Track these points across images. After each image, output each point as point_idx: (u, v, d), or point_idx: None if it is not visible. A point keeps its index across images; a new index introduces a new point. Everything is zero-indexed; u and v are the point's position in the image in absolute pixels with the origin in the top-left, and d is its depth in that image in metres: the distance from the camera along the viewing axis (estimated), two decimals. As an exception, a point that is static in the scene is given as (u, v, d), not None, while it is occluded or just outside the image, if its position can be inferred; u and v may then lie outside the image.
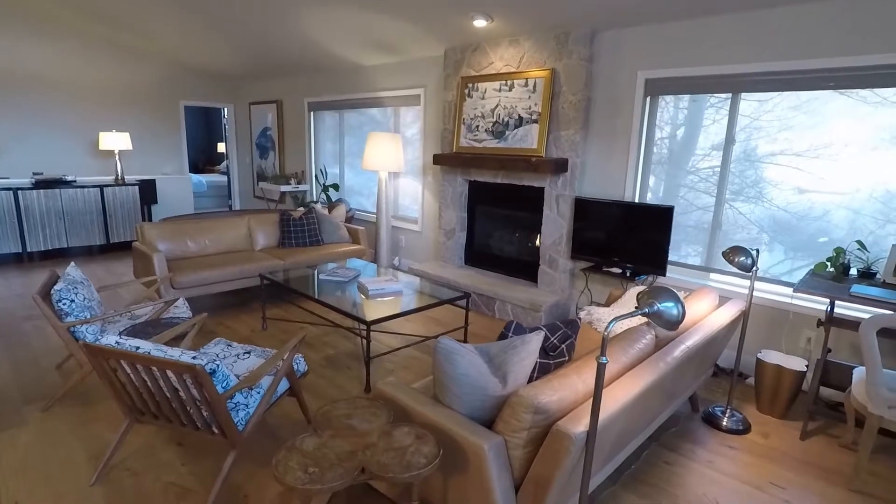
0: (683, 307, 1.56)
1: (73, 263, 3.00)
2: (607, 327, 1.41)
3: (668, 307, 1.54)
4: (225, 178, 11.12)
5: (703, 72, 3.55)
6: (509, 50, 4.48)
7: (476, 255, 5.22)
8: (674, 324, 1.55)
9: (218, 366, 1.93)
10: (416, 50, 5.25)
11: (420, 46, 5.12)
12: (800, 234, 3.38)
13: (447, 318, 4.37)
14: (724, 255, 2.60)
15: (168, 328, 2.81)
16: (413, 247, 5.91)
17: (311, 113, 7.09)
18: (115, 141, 6.60)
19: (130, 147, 6.72)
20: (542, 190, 4.49)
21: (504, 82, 4.51)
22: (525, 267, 4.79)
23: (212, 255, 4.64)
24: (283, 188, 6.97)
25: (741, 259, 2.52)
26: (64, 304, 2.68)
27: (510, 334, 2.01)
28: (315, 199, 7.04)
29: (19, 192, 5.83)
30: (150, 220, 6.80)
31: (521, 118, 4.41)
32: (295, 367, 2.50)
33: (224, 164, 12.30)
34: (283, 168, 7.73)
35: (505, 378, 1.77)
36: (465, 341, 3.64)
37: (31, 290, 4.90)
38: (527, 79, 4.35)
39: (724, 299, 3.32)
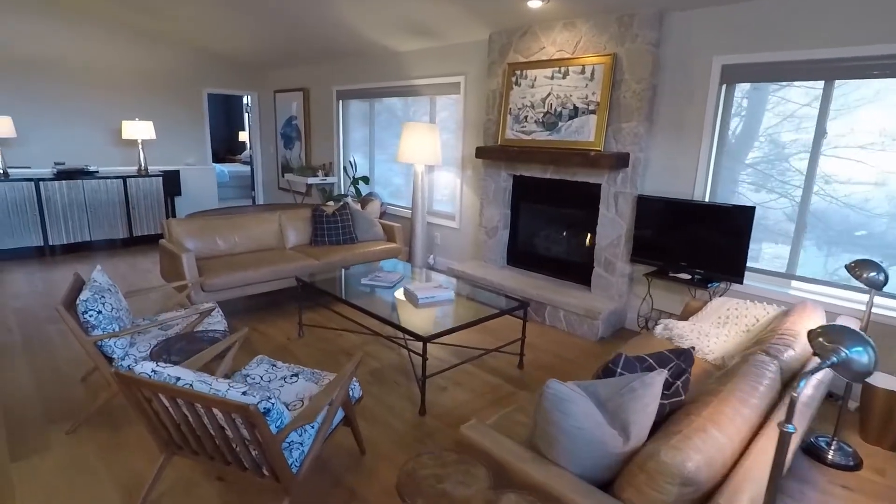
0: (875, 351, 1.22)
1: (98, 267, 2.73)
2: (797, 388, 1.07)
3: (858, 353, 1.20)
4: (247, 169, 10.88)
5: (791, 56, 3.15)
6: (563, 34, 4.10)
7: (519, 255, 4.88)
8: (865, 374, 1.21)
9: (273, 403, 1.63)
10: (456, 34, 4.89)
11: (462, 30, 4.75)
12: (836, 228, 3.13)
13: (498, 326, 4.05)
14: (849, 269, 2.23)
15: (204, 343, 2.53)
16: (449, 244, 5.59)
17: (340, 102, 6.76)
18: (138, 130, 6.35)
19: (154, 136, 6.48)
20: (597, 187, 4.12)
21: (557, 69, 4.14)
22: (575, 269, 4.44)
23: (242, 253, 4.37)
24: (311, 180, 6.68)
25: (871, 275, 2.15)
26: (90, 316, 2.41)
27: (619, 370, 1.68)
28: (344, 193, 6.74)
29: (41, 182, 5.62)
30: (174, 212, 6.57)
31: (576, 108, 4.04)
32: (350, 392, 2.20)
33: (246, 153, 12.07)
34: (310, 159, 7.44)
35: (625, 429, 1.44)
36: (522, 355, 3.33)
37: (54, 287, 4.68)
38: (583, 65, 3.97)
39: (829, 315, 2.96)
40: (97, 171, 6.14)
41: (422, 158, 5.03)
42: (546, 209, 4.64)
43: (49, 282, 4.83)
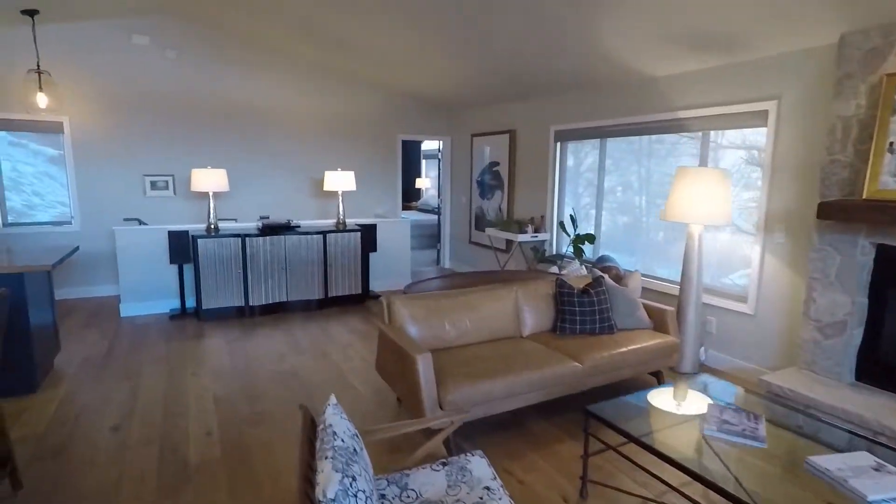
0: None
1: (333, 401, 1.75)
2: None
3: None
4: (427, 217, 10.37)
5: None
6: None
7: (884, 369, 3.11)
8: None
9: None
10: (768, 43, 3.44)
11: (780, 35, 3.30)
12: None
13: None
14: None
15: None
16: (730, 334, 3.98)
17: (558, 144, 5.64)
18: (339, 181, 5.88)
19: (354, 187, 5.96)
20: None
21: None
22: None
23: (474, 344, 3.30)
24: (521, 237, 5.58)
25: None
26: (336, 521, 1.37)
27: None
28: (560, 253, 5.52)
29: (246, 238, 5.29)
30: (367, 271, 5.92)
31: None
32: None
33: (422, 200, 11.68)
34: (512, 211, 6.40)
35: None
36: None
37: (255, 365, 4.05)
38: None
39: None
40: (299, 226, 5.74)
41: (704, 216, 3.59)
42: (950, 302, 2.85)
43: (249, 356, 4.24)
